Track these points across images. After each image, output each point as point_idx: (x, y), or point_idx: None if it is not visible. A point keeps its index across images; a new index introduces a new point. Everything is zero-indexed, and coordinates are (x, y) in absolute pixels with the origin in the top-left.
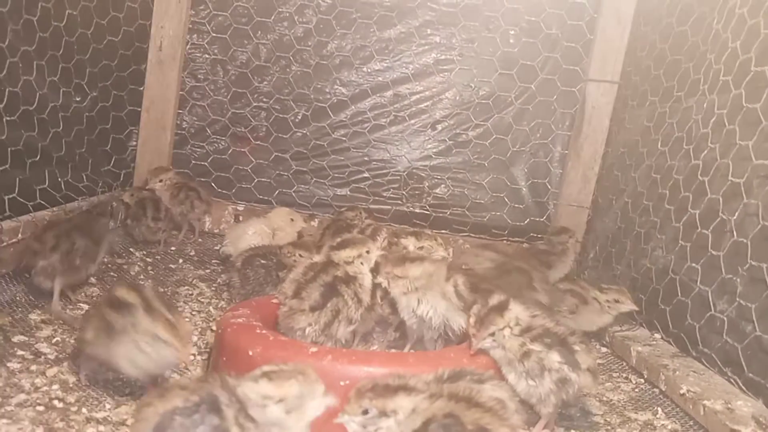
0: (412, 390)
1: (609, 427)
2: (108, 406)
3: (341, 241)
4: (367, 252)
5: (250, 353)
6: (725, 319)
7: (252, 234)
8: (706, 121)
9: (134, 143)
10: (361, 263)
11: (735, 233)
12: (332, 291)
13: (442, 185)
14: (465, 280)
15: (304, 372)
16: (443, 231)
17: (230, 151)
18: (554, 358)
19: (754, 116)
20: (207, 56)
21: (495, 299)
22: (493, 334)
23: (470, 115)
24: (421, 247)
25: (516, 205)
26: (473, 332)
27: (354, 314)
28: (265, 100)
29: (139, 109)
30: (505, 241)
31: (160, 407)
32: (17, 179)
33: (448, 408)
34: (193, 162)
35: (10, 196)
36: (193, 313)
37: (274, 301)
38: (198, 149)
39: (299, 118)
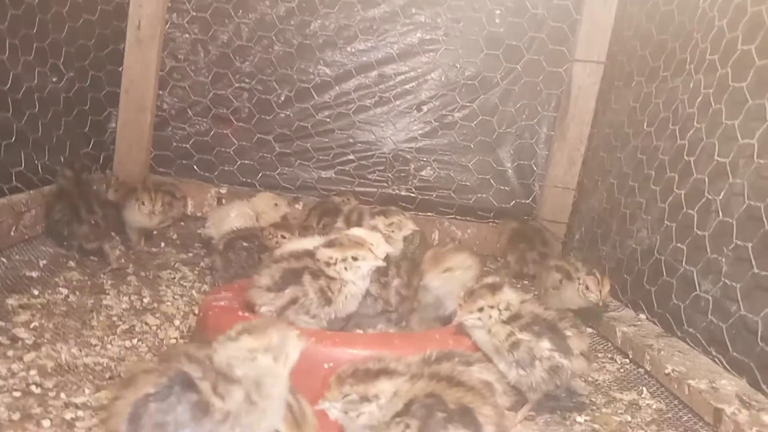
0: (393, 373)
1: (594, 407)
2: (87, 391)
3: (330, 240)
4: (354, 258)
5: None
6: (710, 299)
7: (235, 216)
8: (693, 101)
9: (114, 125)
10: (345, 269)
11: (720, 213)
12: (294, 278)
13: (428, 167)
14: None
15: (274, 322)
16: (429, 213)
17: (212, 132)
18: (544, 345)
19: (741, 95)
20: (187, 36)
21: (490, 279)
22: (481, 310)
23: (456, 96)
24: (391, 224)
25: (502, 187)
26: (461, 303)
27: (315, 309)
28: (247, 80)
29: (119, 90)
30: (491, 223)
31: (130, 397)
32: None
33: (429, 388)
34: (175, 144)
35: None
36: (176, 297)
37: None
38: (179, 131)
39: (282, 99)
